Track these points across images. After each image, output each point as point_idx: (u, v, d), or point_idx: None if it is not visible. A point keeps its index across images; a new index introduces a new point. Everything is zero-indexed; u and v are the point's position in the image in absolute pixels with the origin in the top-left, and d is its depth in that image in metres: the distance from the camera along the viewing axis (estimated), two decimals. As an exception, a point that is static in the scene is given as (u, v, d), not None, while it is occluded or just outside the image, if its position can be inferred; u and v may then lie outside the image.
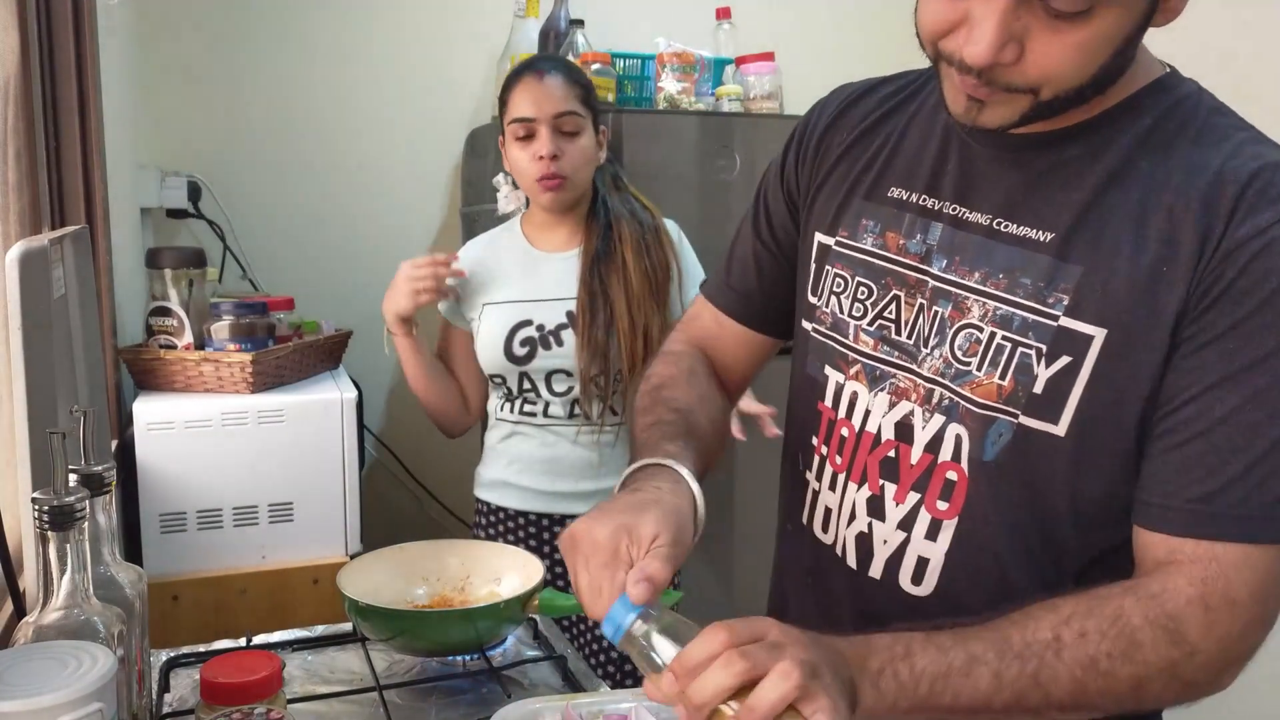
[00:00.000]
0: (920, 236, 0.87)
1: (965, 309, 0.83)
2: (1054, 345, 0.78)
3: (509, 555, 1.27)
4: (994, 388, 0.81)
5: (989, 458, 0.82)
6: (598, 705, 0.94)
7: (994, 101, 0.76)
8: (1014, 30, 0.71)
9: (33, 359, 0.89)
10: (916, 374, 0.86)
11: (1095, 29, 0.70)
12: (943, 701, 0.72)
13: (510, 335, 1.66)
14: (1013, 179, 0.83)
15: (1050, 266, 0.79)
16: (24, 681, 0.66)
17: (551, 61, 1.69)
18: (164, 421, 1.66)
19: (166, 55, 2.47)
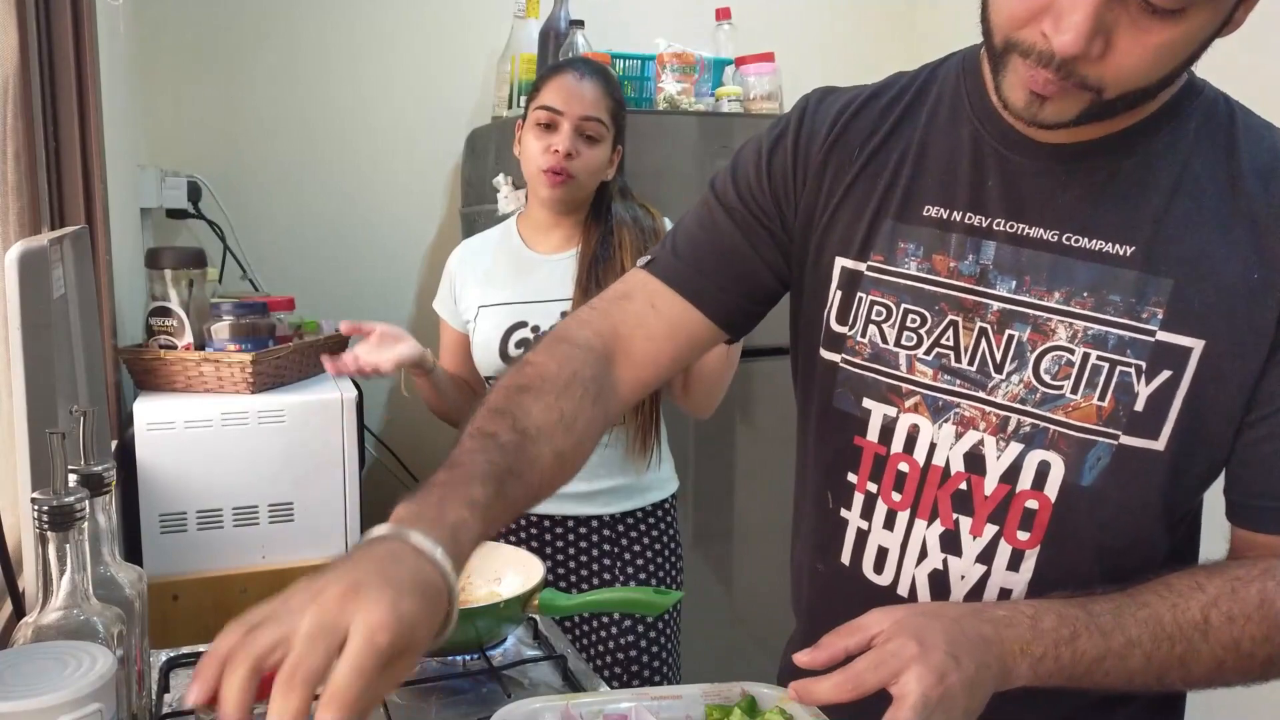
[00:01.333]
0: (973, 257, 0.84)
1: (1049, 331, 0.80)
2: (1153, 361, 0.77)
3: (509, 555, 1.27)
4: (1093, 410, 0.79)
5: (1086, 482, 0.80)
6: (598, 705, 0.94)
7: (1058, 97, 0.73)
8: (1105, 22, 0.69)
9: (33, 359, 0.89)
10: (986, 401, 0.83)
11: (1182, 30, 0.69)
12: (1093, 679, 0.75)
13: (505, 337, 1.66)
14: (1073, 192, 0.80)
15: (1138, 281, 0.77)
16: (24, 681, 0.66)
17: (593, 68, 1.69)
18: (164, 421, 1.66)
19: (166, 55, 2.47)
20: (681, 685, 1.10)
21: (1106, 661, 0.74)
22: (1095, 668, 0.74)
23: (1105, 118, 0.76)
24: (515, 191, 2.18)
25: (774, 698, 0.95)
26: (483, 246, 1.79)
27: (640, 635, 1.69)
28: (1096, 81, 0.72)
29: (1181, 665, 0.75)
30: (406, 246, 2.74)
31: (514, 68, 2.43)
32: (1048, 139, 0.80)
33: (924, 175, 0.87)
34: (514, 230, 1.77)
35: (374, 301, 2.69)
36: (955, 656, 0.70)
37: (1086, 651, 0.74)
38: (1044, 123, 0.75)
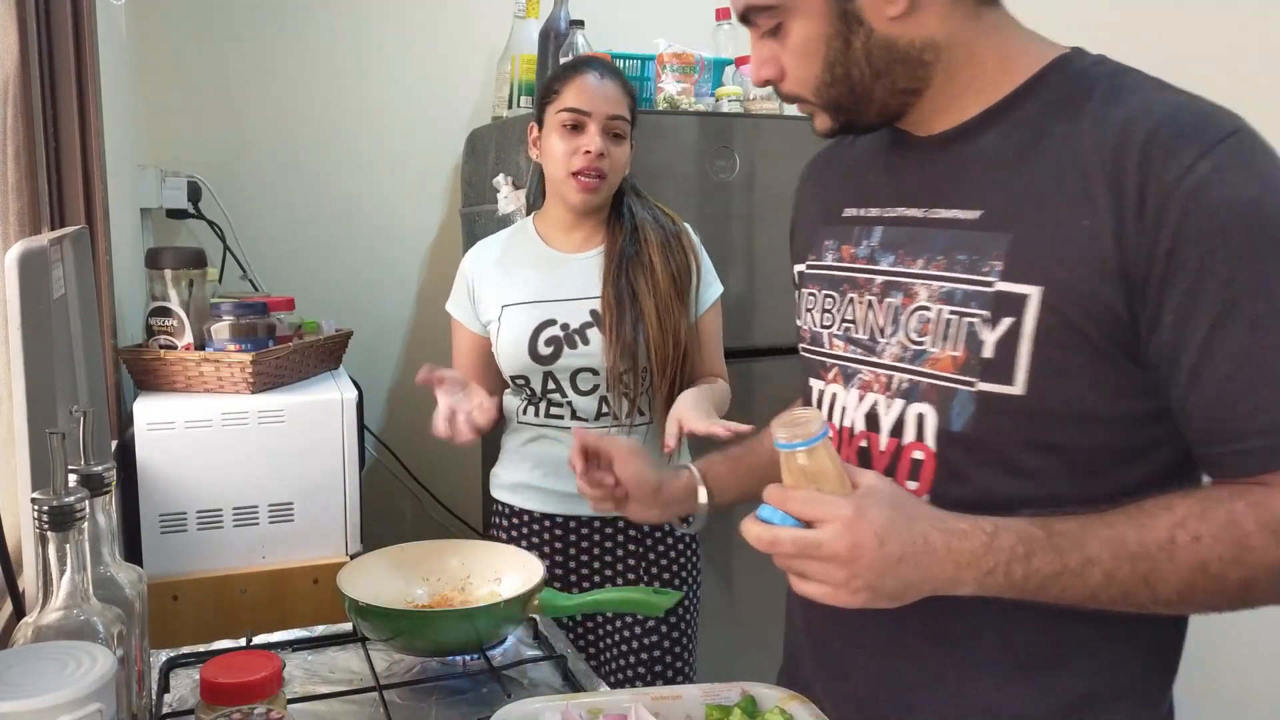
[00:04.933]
0: (865, 242, 0.95)
1: (914, 294, 0.89)
2: (995, 310, 0.83)
3: (509, 555, 1.27)
4: (949, 360, 0.86)
5: (957, 428, 0.86)
6: (598, 705, 0.94)
7: (807, 112, 0.93)
8: (764, 55, 0.91)
9: (33, 359, 0.89)
10: (877, 364, 0.92)
11: (795, 40, 0.88)
12: (1048, 595, 0.78)
13: (534, 335, 1.65)
14: (937, 173, 0.91)
15: (980, 239, 0.85)
16: (24, 682, 0.66)
17: (610, 67, 1.69)
18: (164, 421, 1.66)
19: (166, 55, 2.47)
20: (681, 685, 1.10)
21: (1062, 579, 0.77)
22: (1050, 584, 0.77)
23: (863, 122, 0.92)
24: (515, 191, 2.18)
25: (774, 698, 0.95)
26: (499, 247, 1.77)
27: (663, 635, 1.70)
28: (798, 92, 0.91)
29: (1147, 585, 0.77)
30: (407, 246, 2.74)
31: (514, 68, 2.43)
32: (922, 134, 0.92)
33: (847, 185, 1.02)
34: (531, 230, 1.76)
35: (374, 302, 2.69)
36: (881, 538, 0.75)
37: (1040, 569, 0.77)
38: (821, 133, 0.94)
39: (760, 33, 0.90)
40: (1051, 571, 0.77)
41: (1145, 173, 0.77)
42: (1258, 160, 0.78)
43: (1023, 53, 0.88)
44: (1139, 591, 0.77)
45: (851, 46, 0.86)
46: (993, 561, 0.77)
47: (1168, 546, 0.76)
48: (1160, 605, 0.79)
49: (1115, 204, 0.78)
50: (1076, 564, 0.77)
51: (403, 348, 2.77)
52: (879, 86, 0.88)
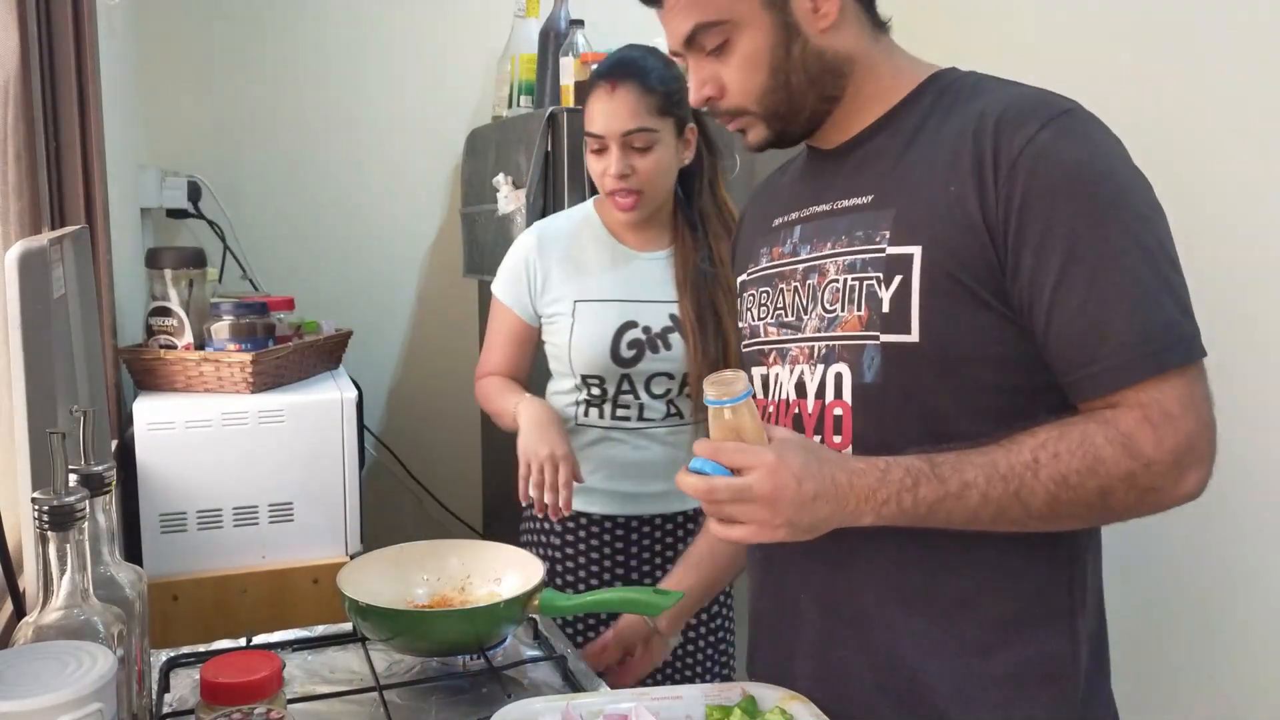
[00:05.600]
0: (790, 240, 1.08)
1: (825, 272, 1.01)
2: (887, 270, 0.95)
3: (509, 555, 1.27)
4: (856, 320, 0.97)
5: (869, 380, 0.96)
6: (598, 705, 0.94)
7: (744, 127, 1.03)
8: (704, 75, 1.01)
9: (33, 359, 0.89)
10: (802, 339, 1.03)
11: (741, 53, 0.98)
12: (937, 519, 0.89)
13: (617, 336, 1.62)
14: (841, 173, 1.04)
15: (873, 216, 0.98)
16: (24, 681, 0.66)
17: (626, 67, 1.61)
18: (164, 421, 1.66)
19: (166, 55, 2.47)
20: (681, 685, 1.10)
21: (946, 503, 0.88)
22: (937, 508, 0.89)
23: (794, 130, 1.03)
24: (515, 191, 2.18)
25: (774, 698, 0.95)
26: (566, 233, 1.71)
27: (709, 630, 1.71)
28: (735, 107, 1.01)
29: (1019, 501, 0.88)
30: (407, 246, 2.74)
31: (514, 68, 2.43)
32: (828, 146, 1.06)
33: (776, 201, 1.14)
34: (597, 220, 1.70)
35: (374, 301, 2.69)
36: (799, 479, 0.87)
37: (926, 496, 0.88)
38: (754, 147, 1.05)
39: (703, 54, 1.00)
40: (935, 497, 0.88)
41: (997, 143, 0.91)
42: (1090, 130, 0.92)
43: (908, 70, 1.03)
44: (1012, 507, 0.88)
45: (791, 54, 0.98)
46: (886, 493, 0.88)
47: (1032, 465, 0.87)
48: (1034, 520, 0.89)
49: (975, 170, 0.91)
50: (956, 488, 0.88)
51: (403, 348, 2.77)
52: (811, 93, 1.00)
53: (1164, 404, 0.87)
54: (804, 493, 0.87)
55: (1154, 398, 0.87)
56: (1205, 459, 0.88)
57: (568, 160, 2.08)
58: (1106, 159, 0.91)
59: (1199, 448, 0.87)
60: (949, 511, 0.89)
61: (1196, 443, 0.87)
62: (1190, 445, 0.87)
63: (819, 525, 0.89)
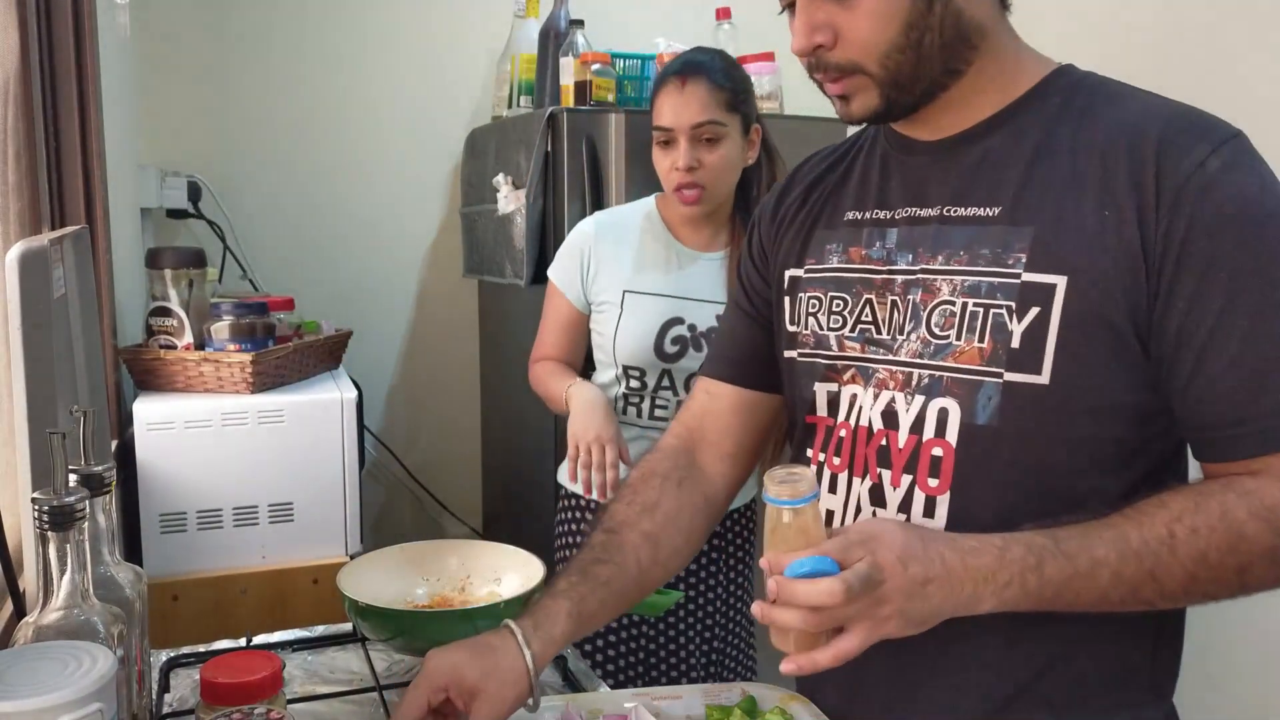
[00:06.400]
0: (879, 244, 0.95)
1: (935, 290, 0.90)
2: (1022, 300, 0.85)
3: (509, 555, 1.27)
4: (975, 352, 0.87)
5: (982, 421, 0.86)
6: (598, 705, 0.94)
7: (850, 91, 0.89)
8: (817, 20, 0.86)
9: (33, 359, 0.89)
10: (894, 361, 0.92)
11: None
12: (1063, 601, 0.80)
13: (662, 331, 1.64)
14: (951, 175, 0.92)
15: (1004, 233, 0.87)
16: (24, 681, 0.66)
17: (697, 63, 1.62)
18: (164, 421, 1.66)
19: (166, 55, 2.47)
20: (681, 685, 1.10)
21: (1075, 583, 0.79)
22: (1064, 590, 0.79)
23: (907, 101, 0.89)
24: (515, 191, 2.18)
25: (774, 698, 0.95)
26: (624, 225, 1.73)
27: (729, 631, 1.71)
28: (849, 63, 0.87)
29: (1153, 580, 0.79)
30: (406, 246, 2.74)
31: (514, 68, 2.43)
32: (930, 138, 0.93)
33: (846, 191, 1.02)
34: (658, 217, 1.72)
35: (374, 302, 2.69)
36: (905, 562, 0.76)
37: (1053, 576, 0.79)
38: (857, 118, 0.91)
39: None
40: (1063, 577, 0.79)
41: (1161, 165, 0.81)
42: (1256, 162, 0.82)
43: (1031, 59, 0.92)
44: (1145, 587, 0.79)
45: (933, 10, 0.85)
46: (1008, 575, 0.78)
47: (1168, 541, 0.78)
48: (1166, 599, 0.81)
49: (1135, 194, 0.81)
50: (1085, 567, 0.79)
51: (403, 348, 2.77)
52: (939, 60, 0.87)
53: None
54: (912, 577, 0.76)
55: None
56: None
57: (567, 160, 2.08)
58: (1276, 195, 0.81)
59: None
60: (1076, 592, 0.79)
61: None
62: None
63: (931, 616, 0.78)
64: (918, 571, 0.76)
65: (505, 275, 2.28)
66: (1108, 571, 0.79)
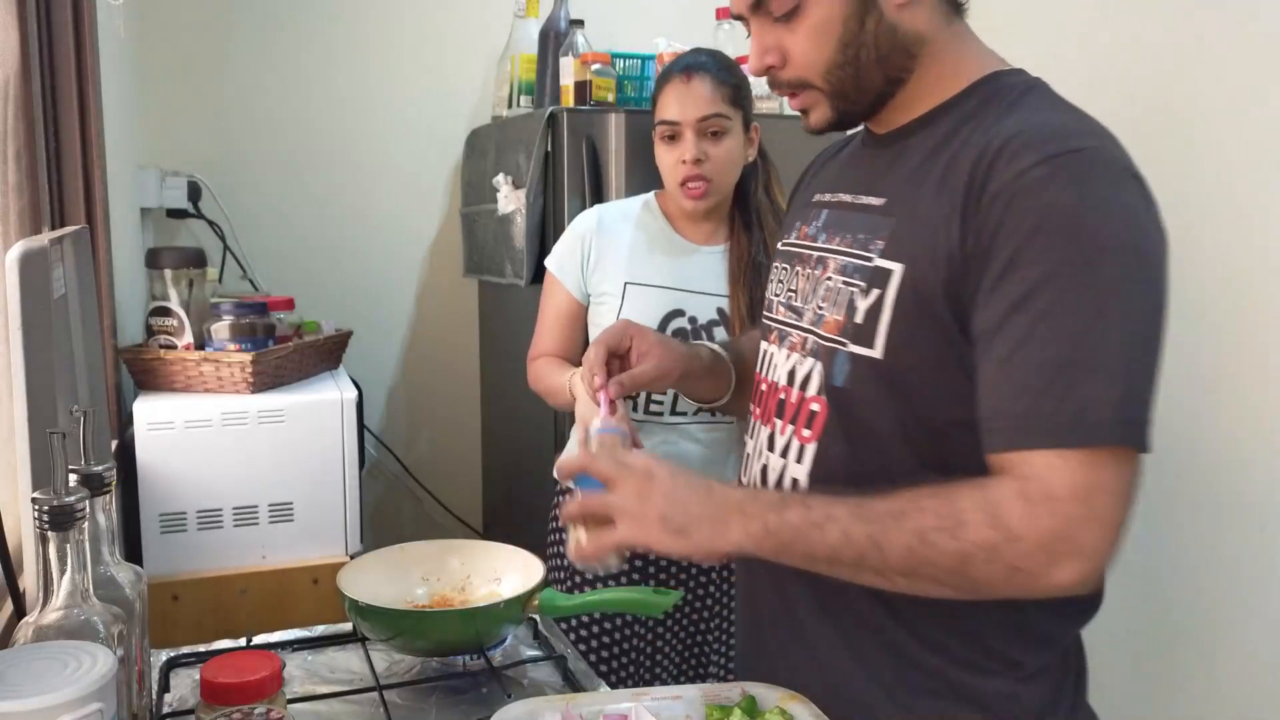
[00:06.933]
0: (816, 223, 1.06)
1: (827, 266, 1.00)
2: (869, 282, 0.93)
3: (509, 555, 1.27)
4: (835, 323, 0.97)
5: (839, 384, 0.96)
6: (598, 705, 0.94)
7: (805, 105, 0.98)
8: (767, 43, 0.95)
9: (33, 359, 0.89)
10: (799, 327, 1.03)
11: (811, 21, 0.92)
12: (798, 549, 0.87)
13: (664, 323, 1.64)
14: (876, 166, 1.01)
15: (877, 222, 0.96)
16: (24, 681, 0.66)
17: (700, 61, 1.64)
18: (164, 421, 1.66)
19: (166, 55, 2.47)
20: (681, 685, 1.10)
21: (808, 532, 0.86)
22: (798, 537, 0.86)
23: (858, 110, 0.98)
24: (515, 191, 2.18)
25: (774, 698, 0.95)
26: (624, 218, 1.73)
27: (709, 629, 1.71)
28: (798, 80, 0.96)
29: (877, 548, 0.84)
30: (406, 246, 2.74)
31: (514, 68, 2.43)
32: (879, 131, 1.02)
33: (825, 175, 1.12)
34: (658, 211, 1.72)
35: (374, 301, 2.69)
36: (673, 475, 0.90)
37: (791, 520, 0.86)
38: (815, 129, 0.99)
39: (769, 19, 0.95)
40: (800, 522, 0.86)
41: (990, 172, 0.86)
42: (1095, 175, 0.84)
43: (972, 63, 0.97)
44: (871, 554, 0.84)
45: (865, 28, 0.92)
46: (755, 509, 0.87)
47: (896, 514, 0.84)
48: (894, 573, 0.85)
49: (965, 195, 0.87)
50: (820, 519, 0.85)
51: (403, 348, 2.77)
52: (879, 72, 0.94)
53: (1049, 483, 0.79)
54: (677, 485, 0.89)
55: (1040, 473, 0.80)
56: (1087, 555, 0.79)
57: (567, 160, 2.08)
58: (1099, 210, 0.82)
59: (1079, 541, 0.79)
60: (811, 543, 0.85)
61: (1078, 535, 0.79)
62: (1067, 535, 0.79)
63: (689, 526, 0.87)
64: (682, 482, 0.89)
65: (505, 275, 2.28)
66: (838, 528, 0.84)
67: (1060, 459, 0.80)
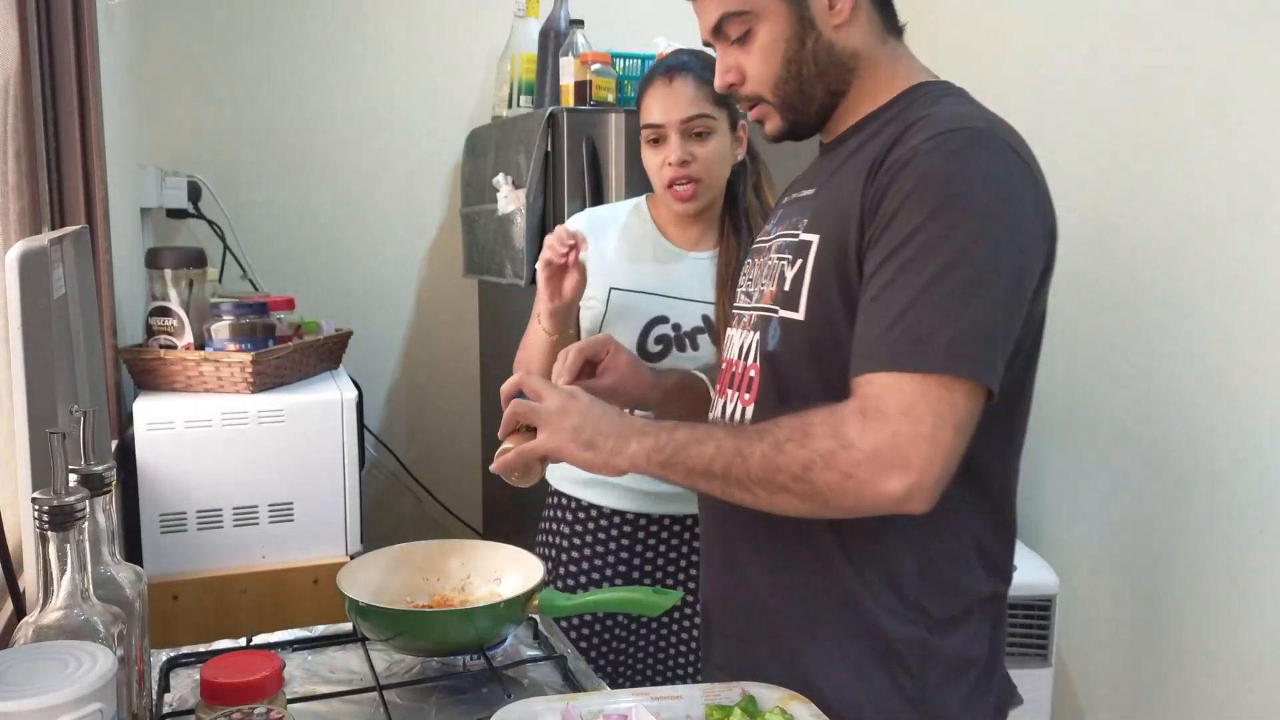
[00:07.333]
0: (773, 221, 1.18)
1: (773, 249, 1.12)
2: (795, 254, 1.05)
3: (509, 555, 1.27)
4: (768, 294, 1.09)
5: (771, 349, 1.07)
6: (598, 705, 0.94)
7: (761, 117, 1.11)
8: (728, 63, 1.10)
9: (33, 359, 0.89)
10: (750, 308, 1.14)
11: (760, 42, 1.06)
12: (680, 461, 0.99)
13: (646, 329, 1.62)
14: (820, 166, 1.14)
15: (805, 206, 1.09)
16: (24, 681, 0.66)
17: (683, 61, 1.62)
18: (164, 421, 1.66)
19: (166, 55, 2.47)
20: (681, 685, 1.10)
21: (691, 446, 0.99)
22: (682, 450, 0.99)
23: (806, 120, 1.10)
24: (515, 191, 2.18)
25: (774, 698, 0.95)
26: (613, 222, 1.72)
27: None
28: (754, 94, 1.09)
29: (740, 456, 0.96)
30: (406, 246, 2.74)
31: (514, 67, 2.43)
32: (826, 140, 1.14)
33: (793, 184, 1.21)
34: (648, 215, 1.71)
35: (374, 302, 2.69)
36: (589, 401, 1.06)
37: (678, 437, 1.00)
38: (772, 138, 1.13)
39: (728, 43, 1.09)
40: (686, 438, 0.99)
41: (890, 150, 0.98)
42: (975, 150, 0.95)
43: (903, 75, 1.09)
44: (736, 463, 0.96)
45: (805, 46, 1.05)
46: (652, 429, 1.01)
47: (762, 430, 0.97)
48: (754, 482, 0.96)
49: (868, 172, 0.99)
50: (703, 435, 0.99)
51: (403, 348, 2.77)
52: (819, 85, 1.07)
53: (882, 400, 0.90)
54: (594, 407, 1.05)
55: (877, 392, 0.91)
56: (913, 469, 0.89)
57: (567, 160, 2.08)
58: (970, 178, 0.93)
59: (906, 455, 0.89)
60: (690, 456, 0.99)
61: (905, 449, 0.88)
62: (894, 446, 0.89)
63: (596, 439, 1.02)
64: (597, 409, 1.05)
65: (505, 275, 2.28)
66: (714, 443, 0.98)
67: (895, 380, 0.91)
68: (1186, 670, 1.92)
